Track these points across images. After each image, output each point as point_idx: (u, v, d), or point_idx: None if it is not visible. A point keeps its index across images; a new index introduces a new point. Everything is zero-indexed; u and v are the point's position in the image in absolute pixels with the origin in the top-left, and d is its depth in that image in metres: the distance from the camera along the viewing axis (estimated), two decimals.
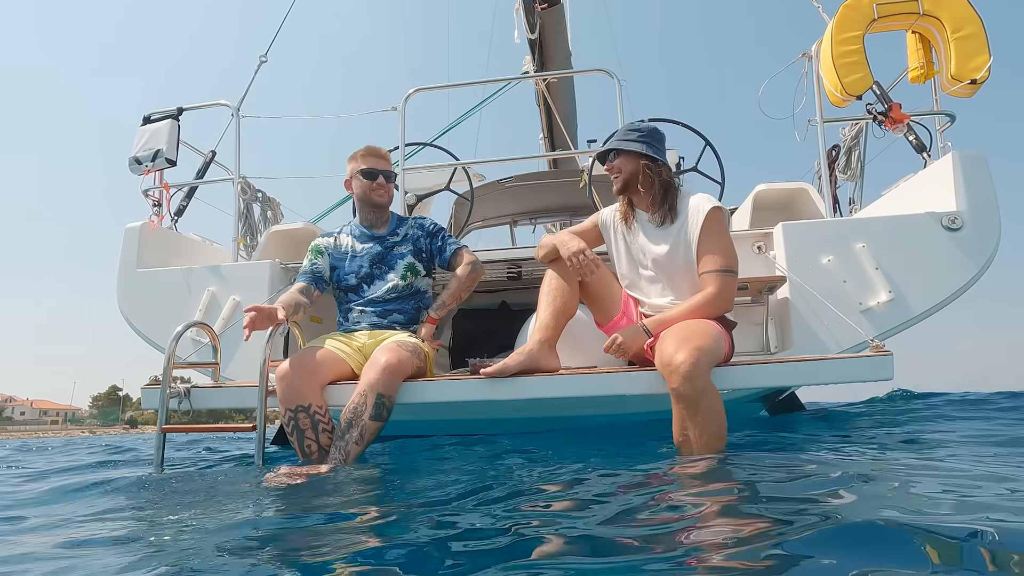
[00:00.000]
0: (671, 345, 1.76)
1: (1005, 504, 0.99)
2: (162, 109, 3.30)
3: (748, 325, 2.69)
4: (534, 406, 2.16)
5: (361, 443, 1.79)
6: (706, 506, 1.04)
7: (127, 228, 3.15)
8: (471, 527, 1.05)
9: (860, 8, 2.65)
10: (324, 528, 1.11)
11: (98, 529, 1.20)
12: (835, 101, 2.70)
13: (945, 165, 2.55)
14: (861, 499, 1.05)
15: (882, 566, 0.70)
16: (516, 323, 3.02)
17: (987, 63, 2.51)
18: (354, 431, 1.79)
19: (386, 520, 1.13)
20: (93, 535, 1.14)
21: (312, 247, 2.32)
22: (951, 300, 2.46)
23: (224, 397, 2.10)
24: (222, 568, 0.87)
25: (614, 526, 0.98)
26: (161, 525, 1.21)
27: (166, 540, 1.07)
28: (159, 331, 2.94)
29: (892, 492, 1.10)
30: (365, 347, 2.14)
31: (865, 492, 1.10)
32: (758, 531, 0.87)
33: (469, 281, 2.29)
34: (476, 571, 0.79)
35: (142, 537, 1.11)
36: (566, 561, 0.82)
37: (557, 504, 1.23)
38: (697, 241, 2.00)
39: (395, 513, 1.18)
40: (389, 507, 1.26)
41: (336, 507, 1.30)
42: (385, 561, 0.88)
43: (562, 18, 4.72)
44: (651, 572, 0.77)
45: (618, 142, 2.09)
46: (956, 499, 1.05)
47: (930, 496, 1.08)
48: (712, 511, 1.00)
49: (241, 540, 1.02)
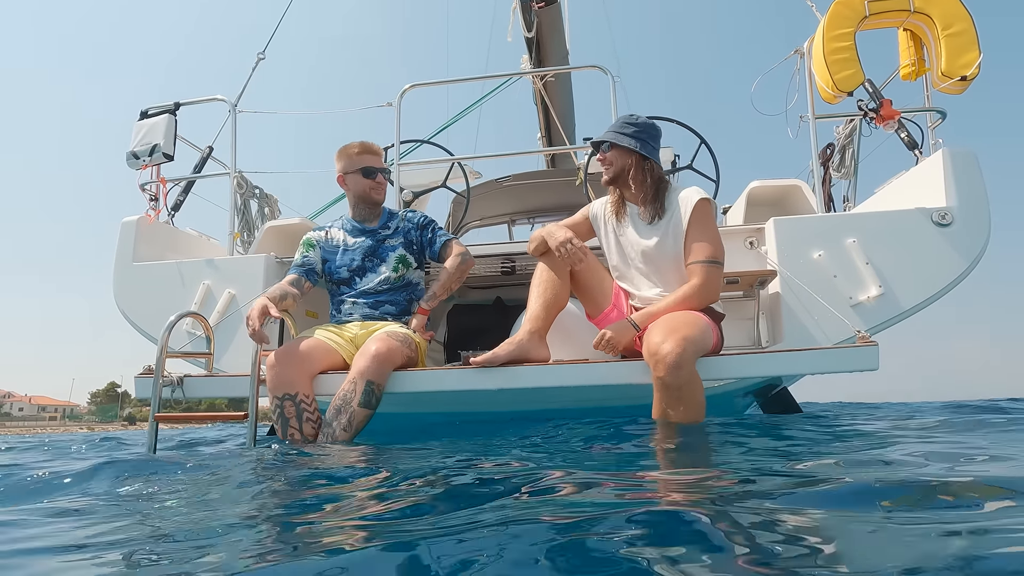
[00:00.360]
0: (658, 335, 1.78)
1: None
2: (159, 104, 3.32)
3: (739, 319, 2.70)
4: (524, 398, 2.17)
5: (349, 430, 1.80)
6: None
7: (123, 222, 3.17)
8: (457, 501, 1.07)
9: (852, 5, 2.66)
10: (310, 502, 1.13)
11: (88, 503, 1.22)
12: (827, 98, 2.72)
13: (936, 162, 2.56)
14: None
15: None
16: (510, 319, 3.03)
17: (977, 60, 2.53)
18: (342, 418, 1.80)
19: (369, 495, 1.15)
20: (85, 506, 1.16)
21: (304, 240, 2.34)
22: (941, 295, 2.47)
23: (216, 386, 2.12)
24: (210, 539, 0.89)
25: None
26: (151, 498, 1.24)
27: (155, 512, 1.09)
28: (155, 324, 2.95)
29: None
30: (357, 338, 2.16)
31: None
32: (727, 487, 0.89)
33: (459, 272, 2.31)
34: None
35: (135, 510, 1.13)
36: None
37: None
38: (685, 232, 2.02)
39: (380, 488, 1.20)
40: (372, 483, 1.28)
41: (319, 485, 1.32)
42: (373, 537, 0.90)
43: (559, 17, 4.74)
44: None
45: (612, 134, 2.11)
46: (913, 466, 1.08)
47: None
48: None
49: (229, 514, 1.04)
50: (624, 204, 2.15)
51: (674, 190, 2.14)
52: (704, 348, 1.84)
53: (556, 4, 4.58)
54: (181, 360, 2.66)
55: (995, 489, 0.86)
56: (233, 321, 2.82)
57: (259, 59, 4.09)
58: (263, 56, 4.11)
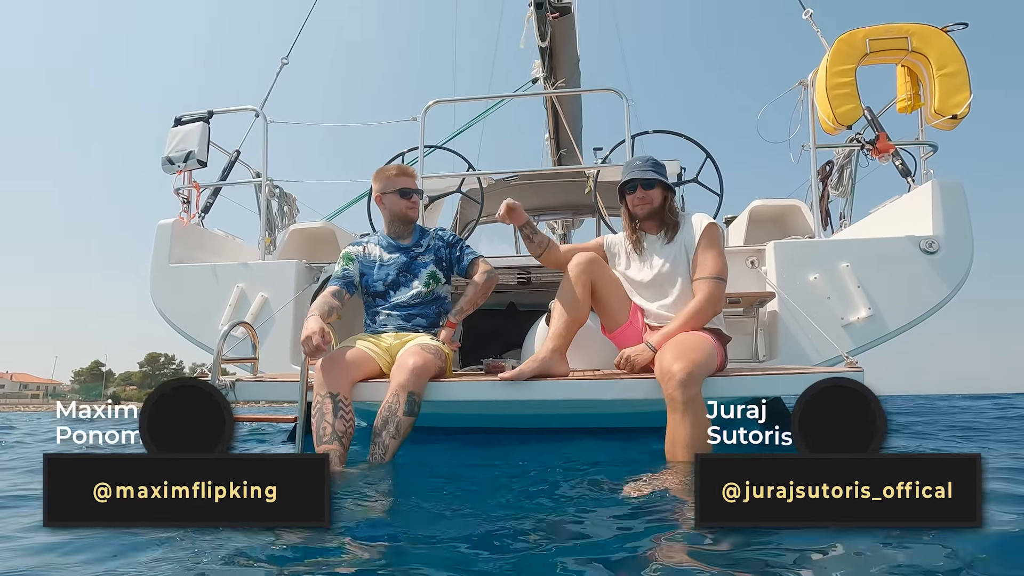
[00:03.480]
0: (669, 357, 2.00)
1: None
2: (192, 112, 3.47)
3: (740, 335, 2.92)
4: (546, 406, 2.40)
5: (398, 437, 2.01)
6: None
7: (160, 224, 3.34)
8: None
9: (854, 43, 2.85)
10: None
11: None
12: (827, 129, 2.92)
13: (925, 192, 2.77)
14: None
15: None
16: (523, 323, 3.24)
17: (967, 100, 2.73)
18: (391, 427, 2.01)
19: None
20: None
21: (344, 254, 2.53)
22: (925, 318, 2.70)
23: (265, 390, 2.32)
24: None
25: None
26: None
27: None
28: (191, 323, 3.15)
29: None
30: (392, 348, 2.36)
31: None
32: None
33: (485, 288, 2.51)
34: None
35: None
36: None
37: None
38: (694, 252, 2.26)
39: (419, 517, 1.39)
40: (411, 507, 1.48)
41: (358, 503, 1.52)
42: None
43: (572, 27, 4.89)
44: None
45: (651, 173, 2.33)
46: None
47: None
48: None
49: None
50: (641, 236, 2.37)
51: (685, 215, 2.38)
52: (710, 368, 2.05)
53: (570, 15, 4.73)
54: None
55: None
56: (266, 326, 3.02)
57: (283, 64, 4.24)
58: (287, 61, 4.26)
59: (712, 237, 2.28)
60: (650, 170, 2.34)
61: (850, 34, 2.86)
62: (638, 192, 2.35)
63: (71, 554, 1.18)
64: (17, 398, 56.45)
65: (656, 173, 2.34)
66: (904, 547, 1.12)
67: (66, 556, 1.18)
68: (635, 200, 2.36)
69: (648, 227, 2.40)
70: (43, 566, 1.14)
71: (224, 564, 1.11)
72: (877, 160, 2.91)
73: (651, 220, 2.37)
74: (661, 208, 2.36)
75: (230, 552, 1.16)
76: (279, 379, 2.34)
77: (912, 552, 1.10)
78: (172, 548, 1.19)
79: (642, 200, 2.35)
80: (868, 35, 2.83)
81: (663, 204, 2.36)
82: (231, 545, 1.18)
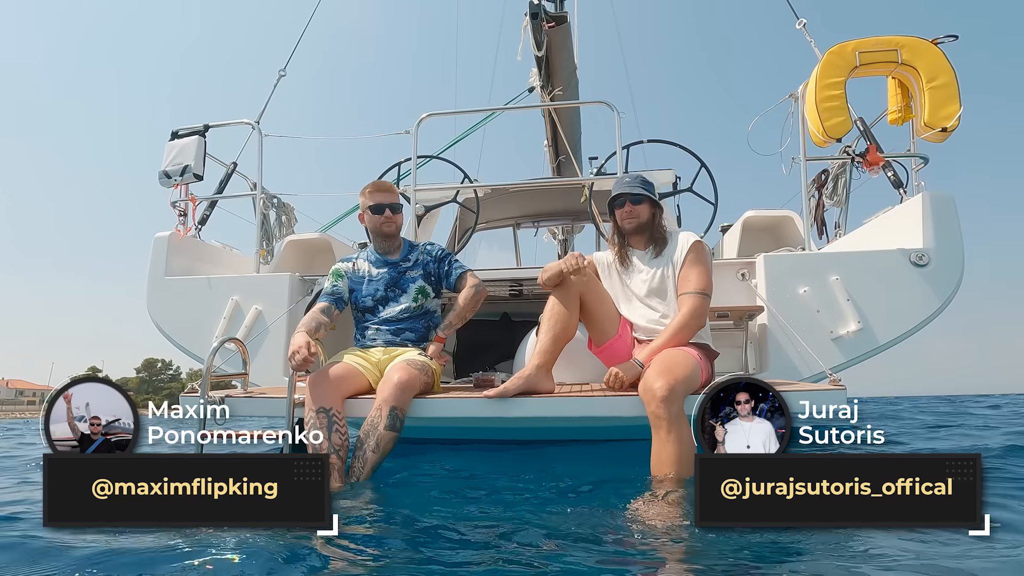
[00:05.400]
0: (652, 374, 2.01)
1: None
2: (189, 126, 3.51)
3: (730, 348, 2.92)
4: (531, 421, 2.41)
5: (378, 451, 2.03)
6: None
7: (156, 237, 3.38)
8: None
9: (843, 56, 2.85)
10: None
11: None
12: (817, 142, 2.91)
13: (916, 204, 2.77)
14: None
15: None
16: (516, 334, 3.25)
17: (957, 113, 2.72)
18: (371, 440, 2.03)
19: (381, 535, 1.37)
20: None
21: (333, 271, 2.55)
22: (914, 331, 2.69)
23: (255, 405, 2.34)
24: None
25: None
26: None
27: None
28: (187, 336, 3.18)
29: None
30: (380, 363, 2.38)
31: None
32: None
33: (472, 303, 2.52)
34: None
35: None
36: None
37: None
38: (680, 267, 2.30)
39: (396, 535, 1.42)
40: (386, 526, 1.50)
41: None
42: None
43: (568, 36, 4.90)
44: None
45: (639, 188, 2.38)
46: None
47: None
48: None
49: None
50: (628, 251, 2.41)
51: (673, 232, 2.42)
52: (693, 385, 2.06)
53: (566, 24, 4.74)
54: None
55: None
56: (259, 338, 3.05)
57: (280, 76, 4.27)
58: (284, 72, 4.29)
59: (699, 254, 2.32)
60: (639, 186, 2.38)
61: (840, 47, 2.86)
62: (626, 207, 2.39)
63: (71, 554, 1.20)
64: (13, 404, 56.44)
65: (645, 190, 2.38)
66: (904, 547, 1.13)
67: (66, 556, 1.19)
68: (623, 215, 2.40)
69: (636, 242, 2.44)
70: (43, 566, 1.15)
71: (224, 564, 1.13)
72: (868, 173, 2.90)
73: (639, 235, 2.41)
74: (649, 223, 2.40)
75: (229, 551, 1.18)
76: (269, 395, 2.36)
77: (912, 552, 1.11)
78: (172, 548, 1.20)
79: (630, 215, 2.39)
80: (858, 48, 2.83)
81: (651, 220, 2.40)
82: (231, 544, 1.20)
